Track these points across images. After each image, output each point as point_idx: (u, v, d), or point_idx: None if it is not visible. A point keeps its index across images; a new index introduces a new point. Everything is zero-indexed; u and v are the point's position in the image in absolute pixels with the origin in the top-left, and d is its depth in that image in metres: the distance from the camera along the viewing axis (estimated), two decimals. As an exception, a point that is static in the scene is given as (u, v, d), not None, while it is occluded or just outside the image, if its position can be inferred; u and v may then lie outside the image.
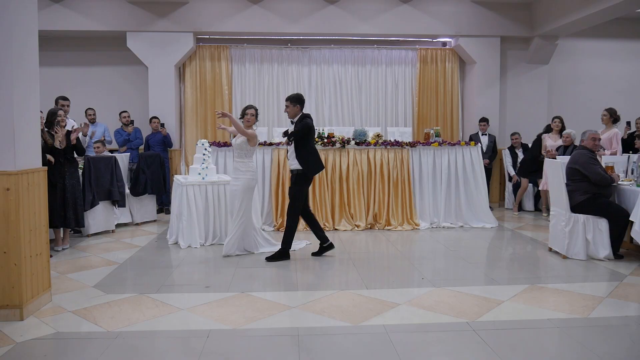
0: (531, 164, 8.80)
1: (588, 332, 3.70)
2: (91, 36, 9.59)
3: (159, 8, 9.19)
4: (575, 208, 5.76)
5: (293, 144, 5.72)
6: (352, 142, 7.74)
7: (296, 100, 5.79)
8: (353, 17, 9.48)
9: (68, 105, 7.25)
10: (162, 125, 9.04)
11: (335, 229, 7.51)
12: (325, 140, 7.67)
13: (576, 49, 10.52)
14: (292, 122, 5.85)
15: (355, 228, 7.54)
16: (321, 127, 8.38)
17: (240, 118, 5.92)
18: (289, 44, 10.03)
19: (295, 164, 5.71)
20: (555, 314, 4.04)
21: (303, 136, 5.70)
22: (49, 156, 5.91)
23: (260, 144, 7.48)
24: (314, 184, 7.59)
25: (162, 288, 4.73)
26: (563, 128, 8.66)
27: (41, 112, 5.24)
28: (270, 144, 7.67)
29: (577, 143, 7.91)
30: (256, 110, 5.95)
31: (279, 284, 4.96)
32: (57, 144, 6.00)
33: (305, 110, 9.78)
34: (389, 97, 10.22)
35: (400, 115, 10.24)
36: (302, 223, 6.59)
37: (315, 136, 6.75)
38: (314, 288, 4.78)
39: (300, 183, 5.75)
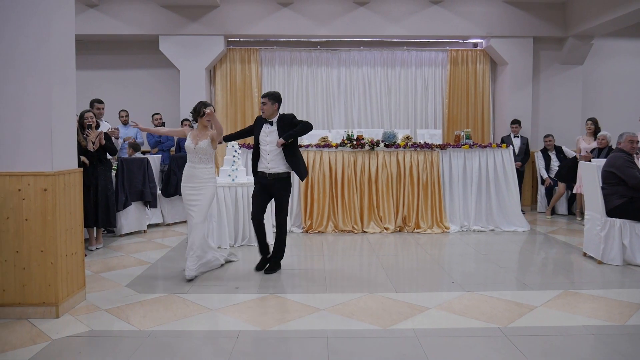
0: (571, 170, 8.58)
1: (625, 340, 3.60)
2: (125, 40, 9.80)
3: (190, 12, 9.33)
4: (611, 212, 5.61)
5: (275, 146, 5.22)
6: (382, 144, 7.70)
7: (276, 99, 5.28)
8: (382, 18, 9.45)
9: (103, 108, 7.40)
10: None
11: (364, 232, 7.49)
12: (355, 142, 7.65)
13: (612, 49, 10.26)
14: (269, 123, 5.28)
15: (384, 231, 7.50)
16: (350, 129, 8.36)
17: (193, 119, 5.24)
18: (318, 46, 10.06)
19: (280, 168, 5.25)
20: (590, 321, 3.94)
21: (297, 137, 5.30)
22: (83, 158, 6.05)
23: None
24: (342, 186, 7.59)
25: (192, 288, 4.78)
26: (597, 130, 8.46)
27: (76, 115, 5.36)
28: (299, 146, 7.65)
29: (612, 145, 7.73)
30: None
31: (308, 286, 4.96)
32: (89, 147, 6.13)
33: (335, 113, 10.02)
34: (419, 99, 10.16)
35: (430, 117, 10.16)
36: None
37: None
38: (343, 290, 4.76)
39: (288, 189, 5.37)
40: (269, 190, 5.32)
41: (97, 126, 6.36)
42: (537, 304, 4.33)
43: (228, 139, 5.66)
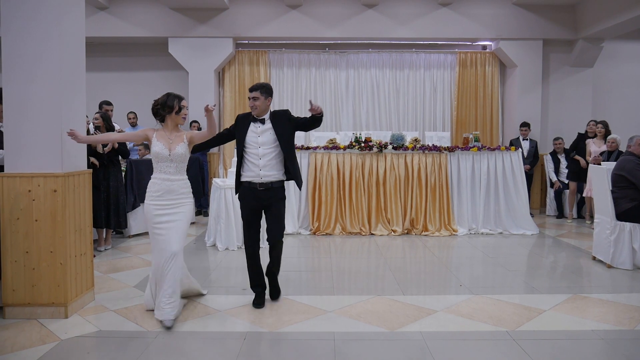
0: (572, 164, 8.63)
1: (634, 345, 3.56)
2: (134, 42, 9.88)
3: (199, 14, 9.37)
4: (621, 216, 5.57)
5: (280, 149, 4.26)
6: (390, 147, 7.70)
7: (268, 92, 4.30)
8: (391, 21, 9.44)
9: (112, 110, 7.45)
10: (200, 129, 9.20)
11: (372, 234, 7.48)
12: (363, 144, 7.65)
13: (623, 52, 10.19)
14: (259, 121, 4.30)
15: (392, 233, 7.49)
16: (358, 131, 8.36)
17: (160, 116, 4.17)
18: (327, 49, 10.07)
19: (275, 175, 4.26)
20: (599, 325, 3.91)
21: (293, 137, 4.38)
22: (92, 159, 6.09)
23: (297, 147, 7.51)
24: (350, 188, 7.58)
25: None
26: (607, 133, 8.41)
27: (87, 116, 5.40)
28: (308, 148, 7.69)
29: (622, 148, 7.68)
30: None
31: (315, 288, 4.96)
32: (99, 148, 6.16)
33: (343, 115, 10.03)
34: (427, 101, 10.15)
35: (438, 119, 10.15)
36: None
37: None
38: (350, 293, 4.76)
39: (285, 198, 4.38)
40: (260, 205, 4.29)
41: (111, 128, 6.36)
42: (546, 307, 4.30)
43: (197, 148, 4.49)
